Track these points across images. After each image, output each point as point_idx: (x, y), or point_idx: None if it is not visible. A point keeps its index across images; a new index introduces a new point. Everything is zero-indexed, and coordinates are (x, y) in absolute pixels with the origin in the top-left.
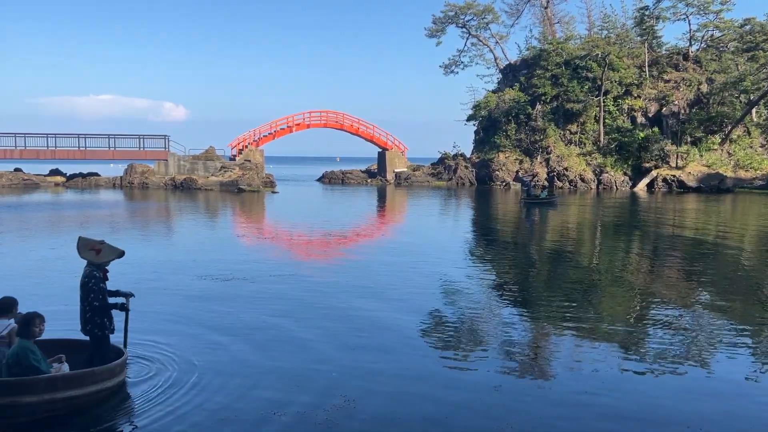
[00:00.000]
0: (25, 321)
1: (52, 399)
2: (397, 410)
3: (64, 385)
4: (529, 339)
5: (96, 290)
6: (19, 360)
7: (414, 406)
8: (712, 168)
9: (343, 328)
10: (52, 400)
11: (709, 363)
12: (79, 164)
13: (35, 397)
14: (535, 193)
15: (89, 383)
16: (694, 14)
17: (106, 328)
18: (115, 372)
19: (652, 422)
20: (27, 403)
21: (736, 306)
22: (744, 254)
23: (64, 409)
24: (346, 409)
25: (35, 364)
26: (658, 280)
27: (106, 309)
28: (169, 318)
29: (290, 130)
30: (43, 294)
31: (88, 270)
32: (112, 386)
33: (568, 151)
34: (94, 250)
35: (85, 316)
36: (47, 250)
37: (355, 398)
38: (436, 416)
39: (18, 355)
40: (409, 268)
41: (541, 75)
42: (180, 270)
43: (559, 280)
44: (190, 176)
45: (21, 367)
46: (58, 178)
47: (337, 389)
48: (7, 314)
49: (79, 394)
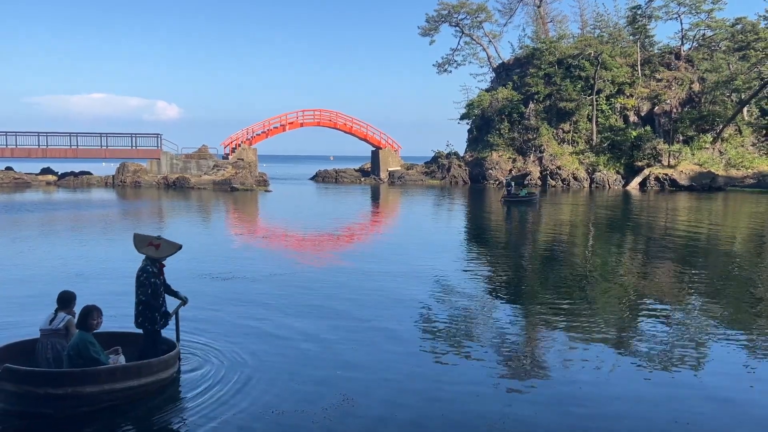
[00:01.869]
0: (83, 314)
1: (111, 389)
2: (391, 410)
3: (122, 376)
4: (523, 338)
5: (146, 284)
6: (79, 352)
7: (409, 405)
8: (703, 167)
9: (338, 325)
10: (111, 390)
11: (700, 360)
12: (71, 163)
13: (96, 387)
14: (515, 192)
15: (146, 374)
16: (685, 13)
17: (156, 322)
18: (169, 364)
19: (643, 419)
20: (88, 393)
21: (728, 304)
22: (735, 253)
23: (121, 400)
24: (345, 408)
25: (95, 356)
26: (650, 278)
27: (151, 305)
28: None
29: (283, 129)
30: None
31: (143, 264)
32: (166, 378)
33: (561, 150)
34: (153, 245)
35: (138, 309)
36: (69, 249)
37: (353, 398)
38: (431, 415)
39: (78, 347)
40: (402, 267)
41: (534, 74)
42: (181, 269)
43: (552, 278)
44: (183, 175)
45: (82, 358)
46: (49, 177)
47: (337, 387)
48: (66, 308)
49: (136, 385)
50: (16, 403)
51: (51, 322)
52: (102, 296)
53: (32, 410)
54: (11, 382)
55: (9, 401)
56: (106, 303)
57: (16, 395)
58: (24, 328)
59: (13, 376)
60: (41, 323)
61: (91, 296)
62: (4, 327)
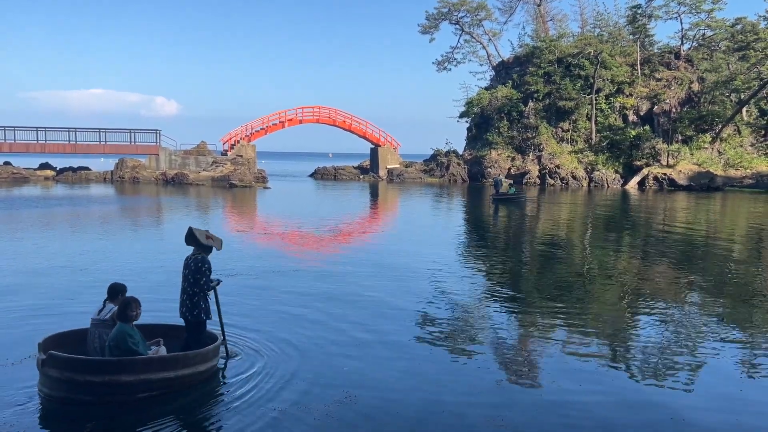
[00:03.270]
0: (122, 306)
1: (147, 379)
2: (392, 406)
3: (159, 367)
4: (520, 336)
5: (207, 274)
6: (117, 343)
7: (408, 404)
8: (702, 166)
9: (335, 323)
10: (147, 381)
11: (698, 358)
12: (70, 158)
13: (132, 377)
14: (503, 191)
15: (183, 366)
16: (685, 13)
17: (208, 313)
18: (208, 357)
19: (642, 417)
20: (125, 381)
21: (725, 303)
22: (733, 253)
23: (160, 390)
24: (345, 404)
25: (133, 347)
26: (648, 277)
27: (206, 296)
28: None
29: (282, 126)
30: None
31: (201, 256)
32: (205, 370)
33: (560, 149)
34: (210, 238)
35: (192, 300)
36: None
37: (356, 395)
38: (429, 416)
39: (117, 338)
40: (399, 265)
41: (534, 72)
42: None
43: (550, 277)
44: (182, 171)
45: (120, 349)
46: (48, 172)
47: (340, 384)
48: (114, 299)
49: (173, 376)
50: (60, 389)
51: (99, 312)
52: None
53: (74, 396)
54: (55, 369)
55: (53, 387)
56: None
57: (59, 381)
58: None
59: (56, 362)
60: (92, 313)
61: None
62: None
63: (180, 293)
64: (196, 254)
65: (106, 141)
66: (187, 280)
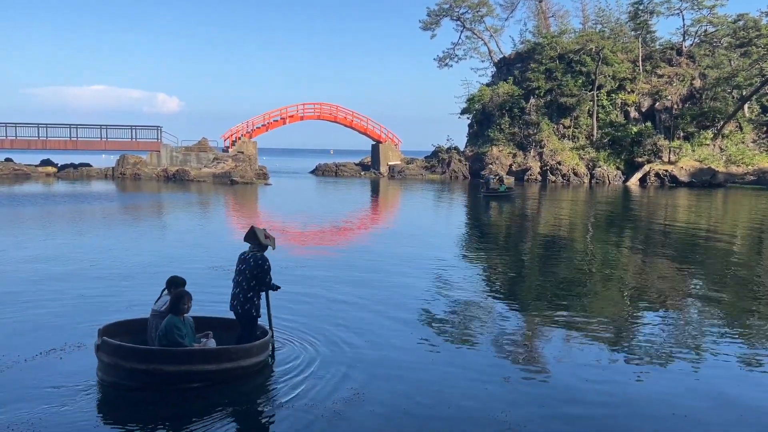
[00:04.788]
0: (174, 299)
1: (188, 371)
2: (399, 401)
3: (200, 359)
4: (523, 333)
5: (267, 272)
6: (166, 334)
7: (412, 400)
8: (704, 163)
9: (335, 320)
10: (188, 372)
11: (699, 354)
12: (71, 155)
13: (174, 367)
14: (493, 187)
15: (225, 360)
16: (687, 9)
17: (259, 310)
18: (251, 353)
19: (641, 411)
20: (167, 371)
21: (727, 299)
22: (734, 249)
23: (201, 382)
24: (355, 401)
25: (179, 339)
26: (650, 273)
27: (261, 293)
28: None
29: (284, 122)
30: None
31: (260, 254)
32: (249, 366)
33: (562, 145)
34: (268, 237)
35: (246, 295)
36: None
37: (366, 392)
38: (433, 411)
39: (166, 330)
40: (400, 261)
41: (535, 69)
42: (191, 260)
43: (551, 273)
44: (183, 168)
45: (167, 340)
46: (49, 169)
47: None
48: (171, 291)
49: (215, 369)
50: (110, 374)
51: (156, 302)
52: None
53: (122, 382)
54: (106, 354)
55: (106, 372)
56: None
57: (109, 366)
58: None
59: (107, 348)
60: (152, 304)
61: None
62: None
63: (233, 287)
64: (254, 251)
65: (107, 137)
66: (243, 275)
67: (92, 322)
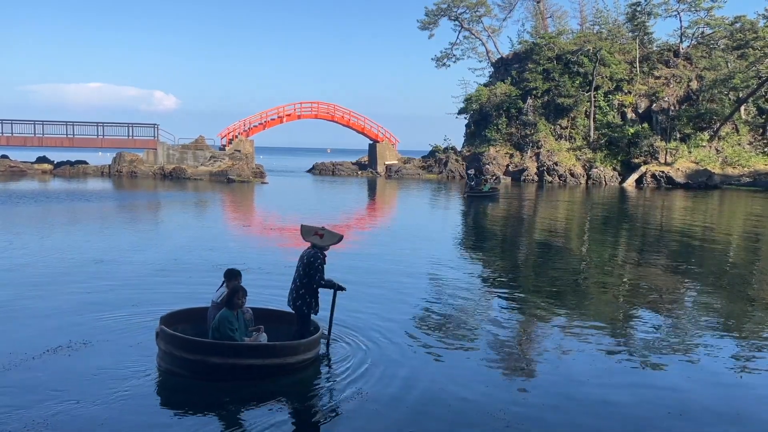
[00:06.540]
0: (230, 293)
1: (234, 364)
2: (393, 400)
3: (246, 354)
4: (519, 336)
5: (321, 270)
6: (218, 327)
7: (406, 399)
8: (700, 164)
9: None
10: (233, 365)
11: (696, 352)
12: (67, 152)
13: (220, 360)
14: (478, 187)
15: (270, 356)
16: (685, 11)
17: (311, 307)
18: (297, 350)
19: (638, 411)
20: (213, 363)
21: (722, 300)
22: (729, 250)
23: (246, 377)
24: (354, 400)
25: (230, 333)
26: (645, 274)
27: (325, 287)
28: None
29: (281, 121)
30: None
31: (313, 251)
32: (296, 362)
33: (559, 146)
34: (317, 234)
35: (298, 291)
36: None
37: (366, 392)
38: (430, 412)
39: (218, 322)
40: (396, 262)
41: (533, 69)
42: (193, 260)
43: (548, 274)
44: (180, 166)
45: (219, 333)
46: (45, 166)
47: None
48: (229, 283)
49: (259, 364)
50: (165, 362)
51: (216, 293)
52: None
53: (174, 370)
54: (163, 341)
55: (162, 359)
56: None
57: (164, 354)
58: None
59: (163, 336)
60: (212, 294)
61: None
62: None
63: (291, 281)
64: (312, 249)
65: (103, 135)
66: (298, 272)
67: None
